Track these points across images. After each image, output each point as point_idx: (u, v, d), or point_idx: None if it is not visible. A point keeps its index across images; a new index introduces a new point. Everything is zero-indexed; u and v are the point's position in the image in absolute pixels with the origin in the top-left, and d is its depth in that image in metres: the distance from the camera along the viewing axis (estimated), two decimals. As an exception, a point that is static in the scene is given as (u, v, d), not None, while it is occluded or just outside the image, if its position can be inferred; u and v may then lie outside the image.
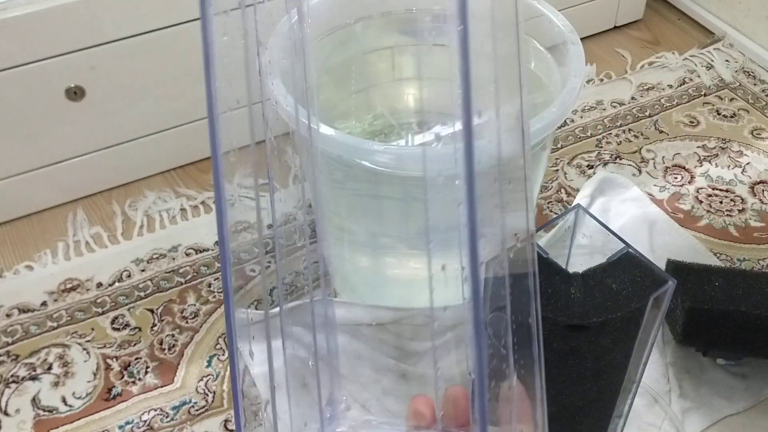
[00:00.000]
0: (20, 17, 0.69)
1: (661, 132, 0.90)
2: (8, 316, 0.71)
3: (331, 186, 0.61)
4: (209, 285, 0.73)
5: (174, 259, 0.76)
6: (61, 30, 0.71)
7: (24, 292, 0.73)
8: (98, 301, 0.72)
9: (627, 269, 0.45)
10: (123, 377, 0.65)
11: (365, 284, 0.71)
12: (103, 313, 0.71)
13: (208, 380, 0.65)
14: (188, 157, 0.87)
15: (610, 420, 0.53)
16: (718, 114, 0.93)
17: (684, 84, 0.98)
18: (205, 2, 0.30)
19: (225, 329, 0.69)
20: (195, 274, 0.74)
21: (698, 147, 0.88)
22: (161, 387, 0.64)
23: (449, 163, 0.52)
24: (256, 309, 0.72)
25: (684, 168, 0.85)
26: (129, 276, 0.74)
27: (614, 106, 0.94)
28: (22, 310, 0.71)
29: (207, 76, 0.31)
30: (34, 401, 0.64)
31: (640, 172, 0.85)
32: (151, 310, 0.71)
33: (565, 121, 0.86)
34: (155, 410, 0.63)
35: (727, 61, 1.01)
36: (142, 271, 0.75)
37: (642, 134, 0.90)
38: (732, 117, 0.92)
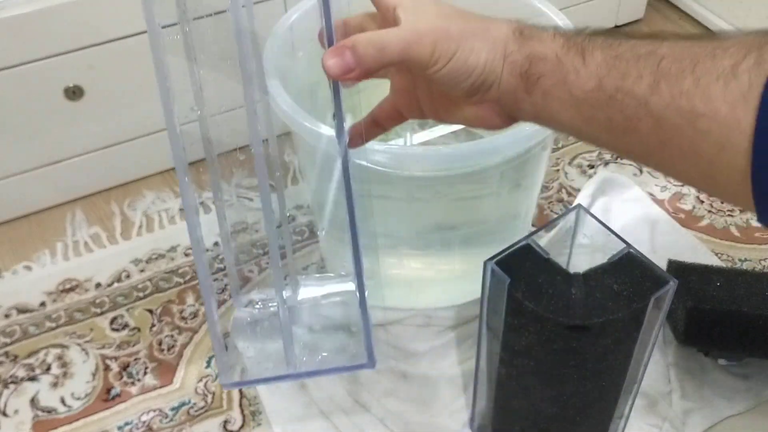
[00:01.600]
0: (19, 17, 0.69)
1: (661, 132, 0.90)
2: (7, 316, 0.71)
3: (331, 185, 0.61)
4: (208, 285, 0.73)
5: (173, 259, 0.76)
6: (59, 29, 0.71)
7: (22, 293, 0.73)
8: (97, 301, 0.72)
9: (628, 269, 0.44)
10: (122, 378, 0.65)
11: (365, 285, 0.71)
12: (101, 313, 0.71)
13: (207, 381, 0.64)
14: (187, 157, 0.87)
15: (611, 420, 0.53)
16: (719, 113, 0.93)
17: (685, 83, 0.98)
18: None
19: (225, 330, 0.68)
20: (194, 274, 0.74)
21: (699, 147, 0.88)
22: (160, 388, 0.64)
23: (447, 163, 0.52)
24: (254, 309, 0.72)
25: (685, 168, 0.85)
26: (128, 276, 0.74)
27: (615, 106, 0.94)
28: (21, 311, 0.71)
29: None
30: (33, 402, 0.64)
31: (641, 172, 0.84)
32: (150, 311, 0.71)
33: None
34: (154, 411, 0.62)
35: (728, 60, 1.01)
36: (141, 271, 0.75)
37: (643, 134, 0.90)
38: (733, 116, 0.92)
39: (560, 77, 0.35)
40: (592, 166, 0.85)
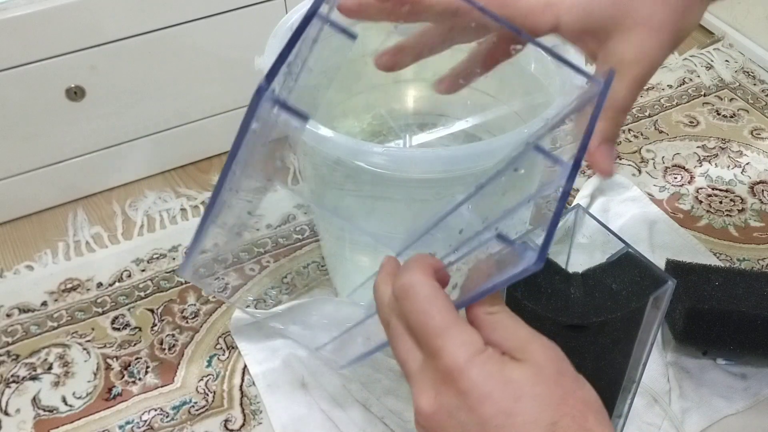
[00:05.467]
0: (20, 17, 0.69)
1: (660, 132, 0.91)
2: (8, 315, 0.71)
3: (331, 187, 0.61)
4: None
5: (174, 259, 0.76)
6: (61, 30, 0.71)
7: (24, 292, 0.73)
8: (98, 300, 0.72)
9: (627, 269, 0.45)
10: (123, 377, 0.65)
11: (365, 284, 0.71)
12: (103, 312, 0.71)
13: (208, 380, 0.65)
14: (188, 157, 0.87)
15: (609, 419, 0.53)
16: (718, 114, 0.93)
17: (684, 84, 0.98)
18: None
19: (225, 329, 0.69)
20: (195, 274, 0.74)
21: (698, 147, 0.88)
22: (161, 387, 0.64)
23: (446, 165, 0.52)
24: (255, 308, 0.72)
25: (684, 168, 0.85)
26: (129, 276, 0.74)
27: (614, 106, 0.94)
28: (23, 310, 0.71)
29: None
30: (35, 401, 0.64)
31: (639, 172, 0.85)
32: (152, 310, 0.71)
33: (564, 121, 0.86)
34: (155, 410, 0.63)
35: (726, 61, 1.01)
36: (143, 270, 0.75)
37: (642, 134, 0.90)
38: (732, 117, 0.93)
39: None
40: (590, 166, 0.85)
